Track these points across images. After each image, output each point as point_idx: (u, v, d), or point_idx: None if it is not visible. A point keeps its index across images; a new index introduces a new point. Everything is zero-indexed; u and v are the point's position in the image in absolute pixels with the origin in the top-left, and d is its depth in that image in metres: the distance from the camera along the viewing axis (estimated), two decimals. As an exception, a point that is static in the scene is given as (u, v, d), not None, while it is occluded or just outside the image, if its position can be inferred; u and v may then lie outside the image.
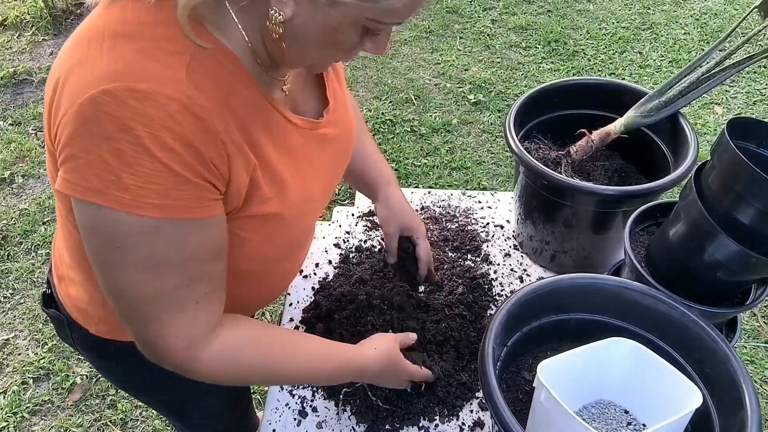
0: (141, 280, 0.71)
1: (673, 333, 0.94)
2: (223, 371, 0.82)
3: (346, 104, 0.97)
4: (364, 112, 3.09)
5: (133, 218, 0.66)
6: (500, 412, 0.79)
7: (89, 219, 0.69)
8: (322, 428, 1.07)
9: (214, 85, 0.69)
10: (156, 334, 0.75)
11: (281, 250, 0.88)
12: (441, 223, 1.46)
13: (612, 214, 1.21)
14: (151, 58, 0.65)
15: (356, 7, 0.65)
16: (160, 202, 0.66)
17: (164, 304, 0.74)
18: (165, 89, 0.64)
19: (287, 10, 0.66)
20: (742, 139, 0.91)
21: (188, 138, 0.66)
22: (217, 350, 0.79)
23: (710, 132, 2.94)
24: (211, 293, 0.78)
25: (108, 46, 0.66)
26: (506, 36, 3.60)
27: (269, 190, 0.78)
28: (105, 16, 0.69)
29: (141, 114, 0.63)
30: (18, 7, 3.71)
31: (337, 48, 0.72)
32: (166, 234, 0.69)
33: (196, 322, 0.77)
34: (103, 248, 0.70)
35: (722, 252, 0.89)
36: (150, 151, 0.64)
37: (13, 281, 2.32)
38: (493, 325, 0.90)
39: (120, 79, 0.63)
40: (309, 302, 1.26)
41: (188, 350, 0.77)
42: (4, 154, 2.83)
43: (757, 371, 2.02)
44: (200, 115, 0.66)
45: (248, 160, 0.74)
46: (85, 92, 0.64)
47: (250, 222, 0.79)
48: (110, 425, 1.92)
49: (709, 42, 3.51)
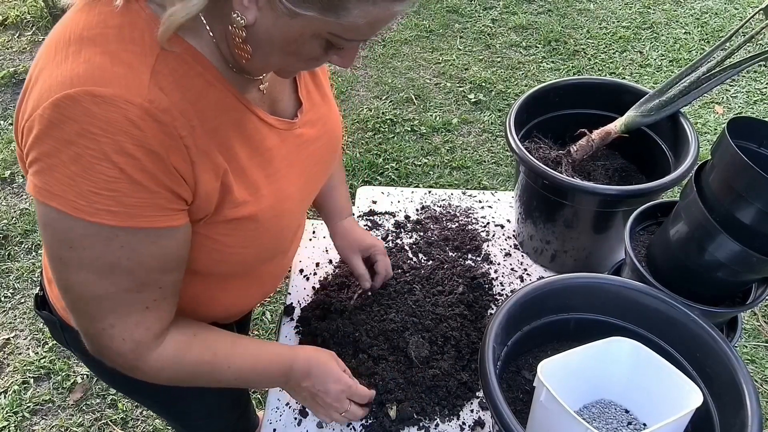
0: (90, 281, 0.72)
1: (673, 332, 0.94)
2: (166, 373, 0.83)
3: (329, 104, 0.96)
4: (364, 112, 3.09)
5: (86, 224, 0.66)
6: (500, 411, 0.79)
7: (46, 218, 0.69)
8: (323, 428, 1.07)
9: (180, 87, 0.68)
10: (102, 333, 0.76)
11: (261, 252, 0.88)
12: (441, 222, 1.46)
13: (612, 213, 1.21)
14: (114, 61, 0.65)
15: (317, 21, 0.64)
16: (115, 209, 0.66)
17: (112, 305, 0.74)
18: (126, 94, 0.64)
19: (249, 15, 0.65)
20: (742, 139, 0.91)
21: (149, 143, 0.65)
22: (161, 353, 0.80)
23: (711, 131, 2.94)
24: (161, 300, 0.78)
25: (73, 50, 0.66)
26: (506, 35, 3.60)
27: (241, 194, 0.78)
28: (72, 21, 0.69)
29: (101, 119, 0.63)
30: (18, 6, 3.71)
31: (298, 57, 0.71)
32: (119, 240, 0.69)
33: (143, 327, 0.77)
34: (56, 246, 0.70)
35: (723, 251, 0.89)
36: (109, 157, 0.64)
37: (13, 281, 2.33)
38: (494, 324, 0.90)
39: (82, 84, 0.63)
40: (309, 302, 1.27)
41: (134, 353, 0.78)
42: (4, 153, 2.83)
43: (758, 371, 2.02)
44: (162, 119, 0.66)
45: (217, 165, 0.73)
46: (48, 96, 0.64)
47: (225, 226, 0.79)
48: (111, 425, 1.92)
49: (710, 41, 3.51)
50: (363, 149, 2.88)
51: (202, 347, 0.86)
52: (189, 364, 0.84)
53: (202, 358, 0.85)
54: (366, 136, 2.96)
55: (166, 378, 0.84)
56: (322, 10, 0.63)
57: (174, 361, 0.82)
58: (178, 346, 0.82)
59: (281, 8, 0.63)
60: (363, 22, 0.65)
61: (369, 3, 0.63)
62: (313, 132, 0.91)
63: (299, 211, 0.94)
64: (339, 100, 3.16)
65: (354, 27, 0.65)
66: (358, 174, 2.74)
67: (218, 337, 0.89)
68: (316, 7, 0.63)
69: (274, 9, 0.64)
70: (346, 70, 3.35)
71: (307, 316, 1.22)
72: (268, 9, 0.65)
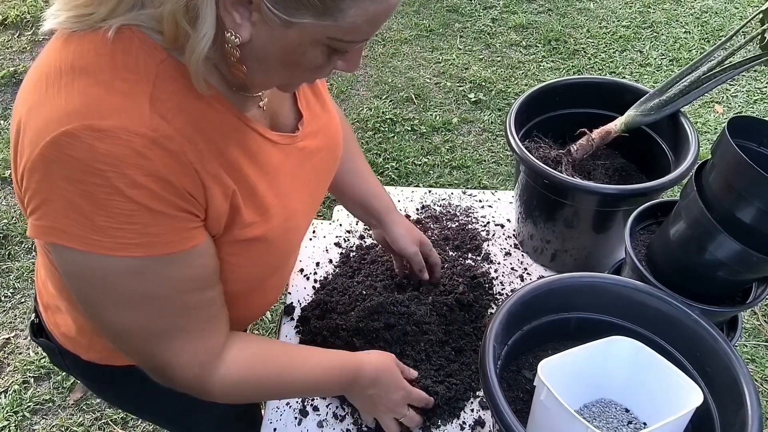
0: (135, 319, 0.70)
1: (673, 332, 0.94)
2: (237, 390, 0.82)
3: (329, 112, 0.94)
4: (364, 111, 3.09)
5: (114, 260, 0.64)
6: (501, 411, 0.79)
7: (71, 264, 0.66)
8: (323, 427, 1.07)
9: (181, 112, 0.66)
10: (163, 365, 0.75)
11: (267, 269, 0.87)
12: (441, 222, 1.46)
13: (612, 213, 1.21)
14: (110, 91, 0.62)
15: (314, 27, 0.61)
16: (139, 241, 0.64)
17: (164, 336, 0.72)
18: (129, 124, 0.61)
19: (243, 32, 0.62)
20: (742, 138, 0.91)
21: (159, 172, 0.63)
22: (229, 371, 0.79)
23: (711, 131, 2.94)
24: (213, 317, 0.77)
25: (65, 82, 0.62)
26: (507, 35, 3.60)
27: (250, 215, 0.76)
28: (61, 52, 0.65)
29: (106, 154, 0.60)
30: (18, 6, 3.71)
31: (302, 68, 0.68)
32: (152, 271, 0.67)
33: (203, 347, 0.76)
34: (90, 291, 0.68)
35: (723, 251, 0.89)
36: (121, 191, 0.61)
37: (13, 280, 2.33)
38: (494, 324, 0.90)
39: (80, 119, 0.60)
40: (309, 301, 1.27)
41: (200, 375, 0.77)
42: (4, 153, 2.83)
43: (758, 370, 2.02)
44: (169, 147, 0.63)
45: (226, 186, 0.71)
46: (46, 135, 0.60)
47: (233, 247, 0.77)
48: (111, 424, 1.92)
49: (710, 41, 3.51)
50: (363, 149, 2.87)
51: (269, 361, 0.85)
52: (256, 378, 0.83)
53: (270, 371, 0.84)
54: (366, 136, 2.96)
55: (236, 395, 0.83)
56: (317, 14, 0.60)
57: (240, 379, 0.81)
58: (244, 363, 0.81)
59: (275, 20, 0.60)
60: (362, 20, 0.62)
61: (366, 0, 0.60)
62: (315, 143, 0.89)
63: (305, 224, 0.93)
64: (339, 99, 3.16)
65: (353, 27, 0.62)
66: (358, 173, 2.73)
67: (283, 349, 0.89)
68: (311, 13, 0.60)
69: (268, 22, 0.61)
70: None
71: (307, 315, 1.22)
72: (261, 23, 0.62)
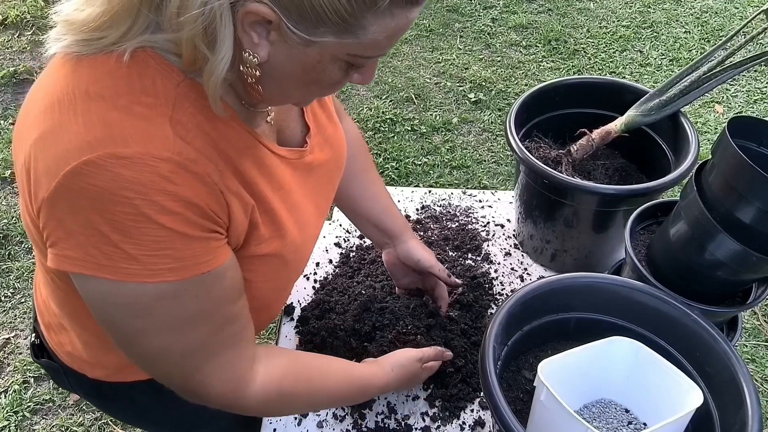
0: (173, 342, 0.70)
1: (673, 332, 0.94)
2: (271, 403, 0.82)
3: (334, 123, 0.94)
4: (364, 111, 3.09)
5: (149, 286, 0.64)
6: (501, 411, 0.79)
7: (102, 294, 0.65)
8: (323, 428, 1.07)
9: (201, 133, 0.65)
10: (200, 384, 0.75)
11: (280, 285, 0.87)
12: (441, 222, 1.46)
13: (612, 213, 1.21)
14: (131, 116, 0.60)
15: (334, 44, 0.61)
16: (173, 266, 0.64)
17: (202, 356, 0.73)
18: (153, 150, 0.60)
19: (261, 52, 0.61)
20: (742, 138, 0.91)
21: (187, 196, 0.62)
22: (262, 384, 0.79)
23: (711, 131, 2.94)
24: (242, 330, 0.77)
25: (82, 109, 0.61)
26: (507, 35, 3.60)
27: (267, 230, 0.76)
28: (73, 77, 0.63)
29: (132, 181, 0.59)
30: (18, 6, 3.71)
31: (320, 85, 0.68)
32: (187, 293, 0.67)
33: (236, 363, 0.76)
34: (125, 320, 0.67)
35: (723, 251, 0.89)
36: (151, 218, 0.60)
37: (13, 280, 2.33)
38: (494, 324, 0.90)
39: (102, 147, 0.58)
40: (309, 301, 1.27)
41: (235, 391, 0.77)
42: (4, 153, 2.83)
43: (758, 370, 2.02)
44: (194, 170, 0.63)
45: (246, 203, 0.71)
46: (66, 164, 0.59)
47: (249, 262, 0.77)
48: (111, 424, 1.92)
49: (710, 41, 3.51)
50: (363, 149, 2.87)
51: (300, 369, 0.86)
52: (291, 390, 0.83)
53: (301, 382, 0.85)
54: (366, 136, 2.95)
55: (272, 407, 0.84)
56: (339, 33, 0.59)
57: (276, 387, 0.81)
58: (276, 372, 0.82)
59: (294, 39, 0.59)
60: (382, 36, 0.61)
61: (387, 16, 0.59)
62: (322, 156, 0.89)
63: (314, 236, 0.92)
64: (339, 99, 3.15)
65: (374, 43, 0.62)
66: (358, 173, 2.73)
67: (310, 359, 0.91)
68: (332, 31, 0.59)
69: (287, 41, 0.60)
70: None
71: (307, 315, 1.22)
72: (280, 42, 0.61)
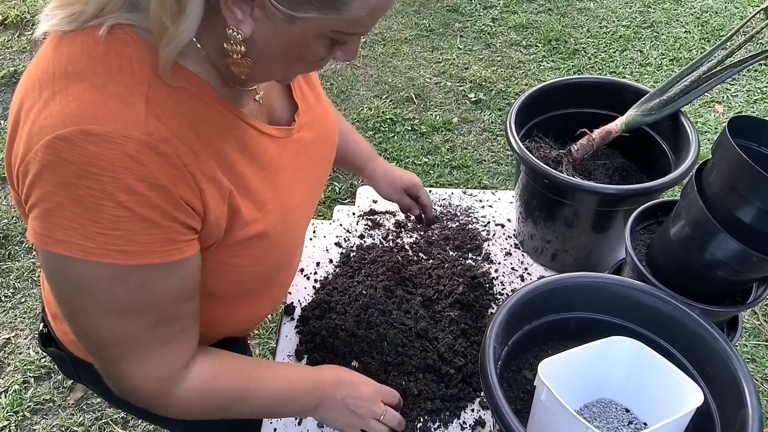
0: (110, 325, 0.69)
1: (674, 332, 0.94)
2: (194, 406, 0.80)
3: (323, 103, 0.94)
4: (364, 111, 3.09)
5: (99, 266, 0.64)
6: (501, 410, 0.79)
7: (53, 266, 0.66)
8: (323, 428, 1.07)
9: (177, 113, 0.65)
10: (124, 373, 0.74)
11: (272, 267, 0.86)
12: (442, 221, 1.46)
13: (613, 212, 1.21)
14: (105, 95, 0.61)
15: (318, 21, 0.62)
16: (126, 249, 0.64)
17: (132, 346, 0.72)
18: (123, 129, 0.61)
19: (245, 28, 0.63)
20: (743, 138, 0.91)
21: (153, 177, 0.63)
22: (189, 386, 0.78)
23: (711, 130, 2.93)
24: (182, 332, 0.76)
25: (59, 87, 0.62)
26: (507, 34, 3.60)
27: (249, 213, 0.76)
28: (54, 56, 0.65)
29: (100, 158, 0.60)
30: (18, 6, 3.71)
31: (304, 62, 0.69)
32: (135, 279, 0.66)
33: (167, 362, 0.75)
34: (69, 294, 0.68)
35: (723, 251, 0.89)
36: (113, 196, 0.61)
37: (14, 280, 2.33)
38: (494, 324, 0.90)
39: (74, 123, 0.60)
40: (309, 301, 1.27)
41: (160, 389, 0.76)
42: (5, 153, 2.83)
43: (758, 370, 2.02)
44: (163, 150, 0.63)
45: (223, 187, 0.71)
46: (39, 138, 0.61)
47: (236, 248, 0.76)
48: (111, 424, 1.92)
49: (710, 40, 3.51)
50: (363, 148, 2.88)
51: (230, 375, 0.83)
52: (218, 394, 0.81)
53: (231, 385, 0.82)
54: (366, 136, 2.95)
55: (195, 411, 0.81)
56: (322, 8, 0.61)
57: (202, 393, 0.79)
58: (204, 377, 0.80)
59: (278, 15, 0.61)
60: (365, 12, 0.63)
61: None
62: (311, 134, 0.89)
63: (306, 218, 0.92)
64: (339, 99, 3.16)
65: (356, 20, 0.63)
66: (359, 173, 2.74)
67: (245, 363, 0.87)
68: (315, 7, 0.61)
69: (271, 17, 0.61)
70: (346, 70, 3.34)
71: (307, 315, 1.22)
72: (264, 18, 0.62)
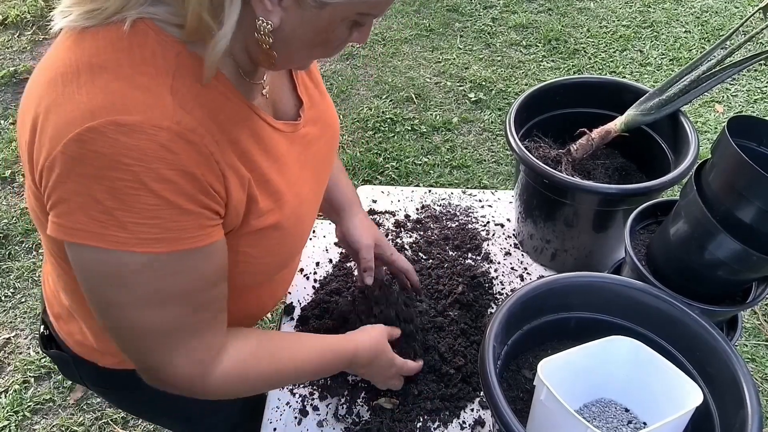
0: (148, 316, 0.70)
1: (673, 331, 0.94)
2: (233, 385, 0.81)
3: (326, 99, 0.96)
4: (364, 111, 3.09)
5: (134, 256, 0.64)
6: (501, 410, 0.79)
7: (87, 261, 0.66)
8: (323, 427, 1.07)
9: (200, 104, 0.67)
10: (163, 363, 0.74)
11: (282, 258, 0.87)
12: (441, 221, 1.46)
13: (612, 212, 1.21)
14: (132, 86, 0.62)
15: (346, 5, 0.64)
16: (160, 236, 0.64)
17: (171, 334, 0.73)
18: (152, 118, 0.62)
19: (274, 18, 0.64)
20: (742, 138, 0.91)
21: (184, 165, 0.64)
22: (227, 367, 0.79)
23: (711, 130, 2.93)
24: (216, 315, 0.77)
25: (85, 80, 0.63)
26: (507, 34, 3.60)
27: (265, 203, 0.77)
28: (76, 50, 0.65)
29: (131, 148, 0.61)
30: (18, 6, 3.71)
31: (326, 46, 0.71)
32: (170, 267, 0.67)
33: (203, 346, 0.76)
34: (104, 288, 0.68)
35: (723, 250, 0.89)
36: (147, 186, 0.62)
37: (14, 280, 2.33)
38: (494, 323, 0.90)
39: (104, 114, 0.60)
40: (309, 301, 1.27)
41: (199, 375, 0.77)
42: (5, 153, 2.83)
43: (758, 369, 2.02)
44: (192, 139, 0.64)
45: (242, 176, 0.72)
46: (68, 132, 0.61)
47: (250, 237, 0.77)
48: (111, 424, 1.92)
49: (710, 40, 3.51)
50: (363, 148, 2.87)
51: (266, 352, 0.84)
52: (253, 373, 0.82)
53: (264, 363, 0.84)
54: (366, 135, 2.96)
55: (231, 391, 0.82)
56: None
57: (239, 373, 0.80)
58: (240, 357, 0.81)
59: (309, 3, 0.63)
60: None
61: None
62: (316, 130, 0.90)
63: (314, 212, 0.93)
64: (339, 99, 3.16)
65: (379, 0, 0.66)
66: (359, 173, 2.74)
67: (280, 338, 0.89)
68: None
69: (301, 5, 0.63)
70: (346, 70, 3.35)
71: (307, 315, 1.22)
72: (294, 7, 0.64)
